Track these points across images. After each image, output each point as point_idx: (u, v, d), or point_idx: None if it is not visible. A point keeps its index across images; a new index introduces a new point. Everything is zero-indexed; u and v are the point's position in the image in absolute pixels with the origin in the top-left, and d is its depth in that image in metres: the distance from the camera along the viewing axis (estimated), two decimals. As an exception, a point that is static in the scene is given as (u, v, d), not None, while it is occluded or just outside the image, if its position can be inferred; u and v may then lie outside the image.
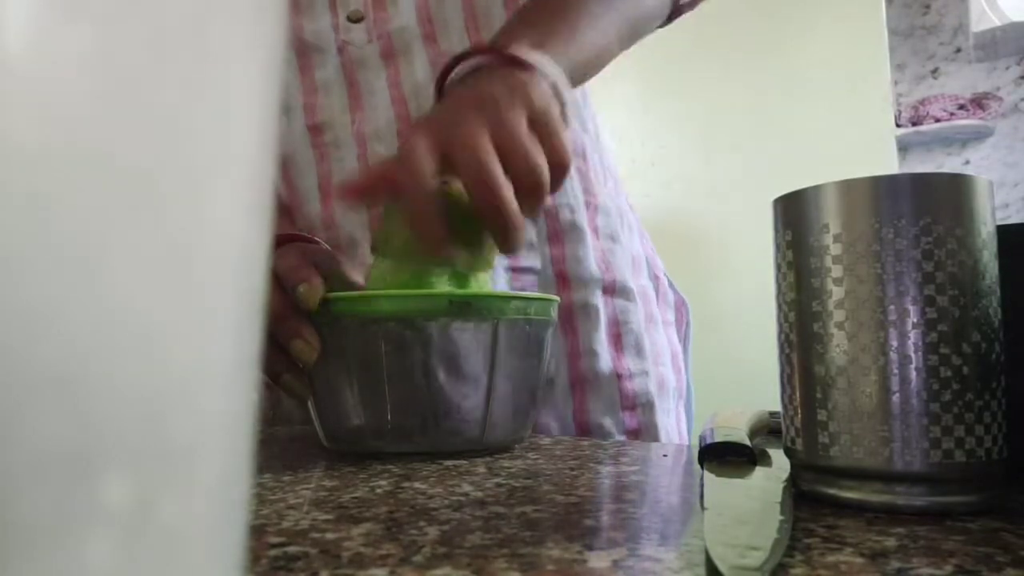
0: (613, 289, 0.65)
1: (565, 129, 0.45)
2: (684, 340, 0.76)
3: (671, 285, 0.76)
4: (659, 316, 0.70)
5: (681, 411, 0.70)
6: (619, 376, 0.63)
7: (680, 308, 0.76)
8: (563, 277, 0.64)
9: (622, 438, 0.62)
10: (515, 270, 0.64)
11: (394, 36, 0.63)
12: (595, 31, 0.54)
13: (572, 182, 0.66)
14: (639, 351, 0.65)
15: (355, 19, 0.64)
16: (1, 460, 0.08)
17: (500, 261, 0.61)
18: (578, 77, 0.53)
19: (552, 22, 0.52)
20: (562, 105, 0.47)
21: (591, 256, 0.65)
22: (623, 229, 0.69)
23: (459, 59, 0.49)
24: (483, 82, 0.45)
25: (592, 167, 0.69)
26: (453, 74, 0.49)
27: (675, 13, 0.66)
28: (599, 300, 0.64)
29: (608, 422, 0.62)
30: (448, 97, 0.47)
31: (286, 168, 0.68)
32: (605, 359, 0.63)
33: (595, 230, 0.66)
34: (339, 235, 0.65)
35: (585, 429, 0.63)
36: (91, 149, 0.09)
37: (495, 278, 0.62)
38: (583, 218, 0.66)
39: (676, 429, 0.68)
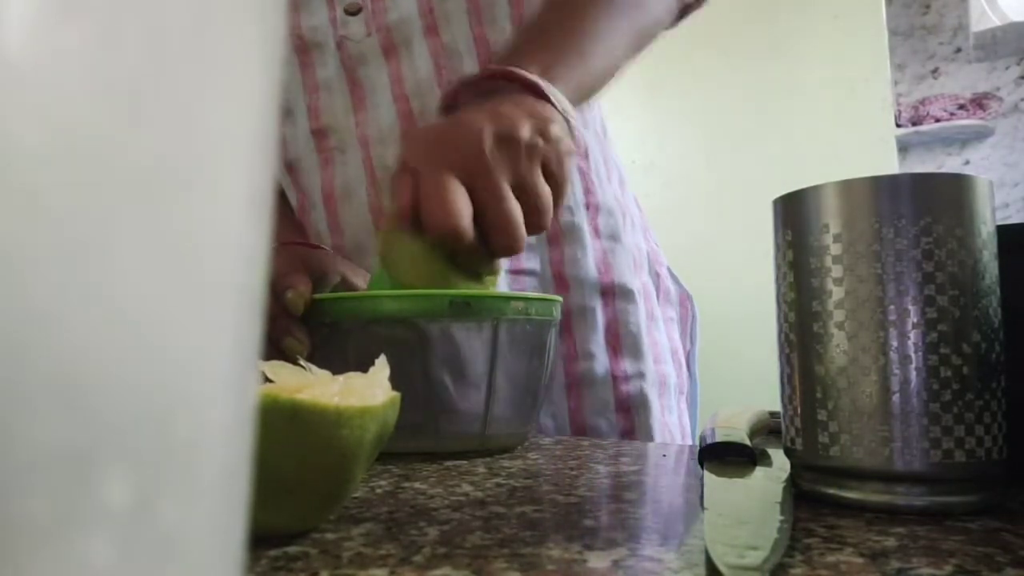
0: (612, 291, 0.65)
1: (570, 160, 0.47)
2: (691, 334, 0.76)
3: (675, 280, 0.76)
4: (659, 314, 0.70)
5: (683, 407, 0.70)
6: (615, 378, 0.63)
7: (684, 303, 0.76)
8: (561, 279, 0.64)
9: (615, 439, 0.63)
10: (514, 272, 0.63)
11: (393, 29, 0.62)
12: (604, 49, 0.55)
13: (572, 182, 0.66)
14: (637, 352, 0.65)
15: (352, 11, 0.63)
16: (1, 460, 0.08)
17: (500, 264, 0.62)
18: (585, 96, 0.54)
19: (561, 44, 0.52)
20: (571, 134, 0.48)
21: (590, 257, 0.65)
22: (626, 226, 0.69)
23: (468, 81, 0.50)
24: (503, 107, 0.46)
25: (594, 166, 0.68)
26: (461, 96, 0.50)
27: (682, 14, 0.65)
28: (597, 302, 0.64)
29: (602, 423, 0.63)
30: (465, 115, 0.46)
31: (294, 172, 0.68)
32: (601, 361, 0.63)
33: (596, 230, 0.66)
34: (344, 241, 0.65)
35: (580, 429, 0.63)
36: (91, 147, 0.09)
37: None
38: (583, 219, 0.65)
39: (679, 426, 0.68)
